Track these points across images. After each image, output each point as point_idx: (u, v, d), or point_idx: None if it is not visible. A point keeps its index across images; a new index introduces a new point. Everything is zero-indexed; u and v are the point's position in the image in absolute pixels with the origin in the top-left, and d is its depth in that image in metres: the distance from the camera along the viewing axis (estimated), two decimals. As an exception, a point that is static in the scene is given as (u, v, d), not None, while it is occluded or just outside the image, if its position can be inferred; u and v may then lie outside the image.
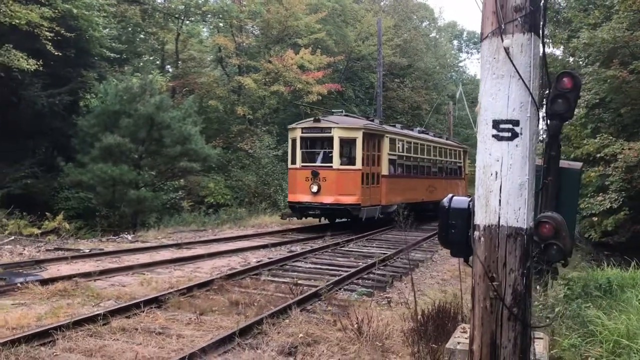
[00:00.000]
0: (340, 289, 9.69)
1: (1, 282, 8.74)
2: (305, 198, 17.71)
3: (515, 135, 3.38)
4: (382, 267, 11.63)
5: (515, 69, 3.37)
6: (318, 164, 18.04)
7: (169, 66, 32.55)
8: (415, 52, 45.98)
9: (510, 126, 3.39)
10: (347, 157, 18.13)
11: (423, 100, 46.24)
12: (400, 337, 6.69)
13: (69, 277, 8.91)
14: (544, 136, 6.90)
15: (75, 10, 19.30)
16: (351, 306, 8.33)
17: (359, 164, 17.74)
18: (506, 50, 3.38)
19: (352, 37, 38.71)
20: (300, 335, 6.86)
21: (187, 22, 31.27)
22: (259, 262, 11.85)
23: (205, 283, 9.22)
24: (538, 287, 6.93)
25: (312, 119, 18.97)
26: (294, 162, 18.59)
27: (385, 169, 19.33)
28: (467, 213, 3.58)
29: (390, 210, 18.99)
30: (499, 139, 3.41)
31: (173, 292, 8.36)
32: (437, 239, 6.21)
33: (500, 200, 3.39)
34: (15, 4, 17.31)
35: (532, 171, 3.42)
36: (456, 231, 3.63)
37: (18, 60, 16.86)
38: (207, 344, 6.11)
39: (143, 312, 7.57)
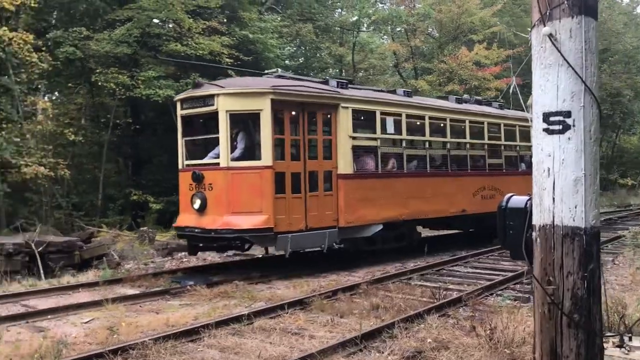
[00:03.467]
0: (492, 294, 9.33)
1: (176, 285, 9.94)
2: (188, 220, 10.80)
3: (566, 127, 3.13)
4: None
5: (563, 56, 3.12)
6: (202, 160, 11.07)
7: (349, 78, 33.86)
8: (611, 34, 41.76)
9: (560, 118, 3.14)
10: (246, 146, 10.87)
11: (624, 86, 41.76)
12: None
13: (230, 280, 9.81)
14: None
15: (251, 35, 21.06)
16: (496, 312, 7.99)
17: (266, 157, 10.39)
18: (550, 37, 3.14)
19: (534, 26, 36.45)
20: (429, 340, 6.80)
21: (362, 32, 32.24)
22: (415, 266, 11.86)
23: (351, 287, 9.52)
24: None
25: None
26: (181, 159, 11.48)
27: (345, 164, 11.56)
28: (525, 213, 3.37)
29: (362, 234, 12.03)
30: (550, 132, 3.18)
31: (317, 295, 8.78)
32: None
33: (553, 199, 3.16)
34: (200, 36, 19.47)
35: (590, 165, 3.12)
36: (514, 232, 3.43)
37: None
38: (330, 345, 6.38)
39: (287, 313, 8.09)
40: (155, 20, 19.66)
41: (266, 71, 13.03)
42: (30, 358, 6.15)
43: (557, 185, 3.14)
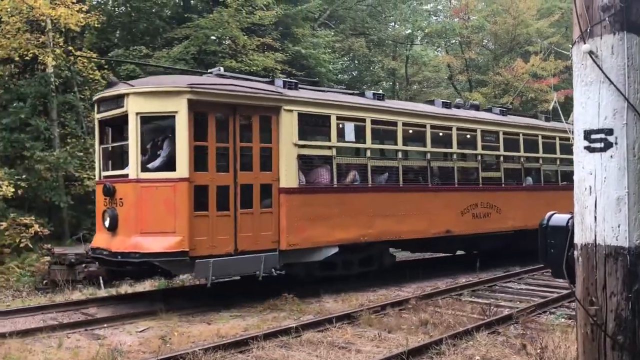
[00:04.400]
0: (544, 312, 9.10)
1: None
2: (101, 240, 9.54)
3: (608, 145, 3.08)
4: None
5: (604, 73, 3.08)
6: (117, 171, 9.73)
7: (401, 91, 33.87)
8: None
9: (602, 136, 3.09)
10: (170, 155, 9.25)
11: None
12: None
13: (278, 293, 9.92)
14: None
15: (304, 51, 21.39)
16: (548, 331, 7.81)
17: (182, 168, 8.91)
18: (591, 54, 3.11)
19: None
20: (477, 357, 6.72)
21: (415, 45, 32.18)
22: (467, 281, 11.69)
23: (400, 302, 9.48)
24: None
25: None
26: (98, 169, 10.22)
27: (288, 177, 9.94)
28: (566, 231, 3.33)
29: (310, 258, 10.38)
30: (591, 150, 3.13)
31: (366, 310, 8.79)
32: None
33: (595, 217, 3.10)
34: (254, 53, 19.92)
35: (634, 184, 3.06)
36: (555, 251, 3.39)
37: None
38: (376, 360, 6.39)
39: (335, 327, 8.13)
40: (212, 38, 20.25)
41: (209, 70, 11.29)
42: (87, 364, 6.44)
43: (599, 204, 3.09)
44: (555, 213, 3.51)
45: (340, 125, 10.87)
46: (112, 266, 9.60)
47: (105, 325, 7.56)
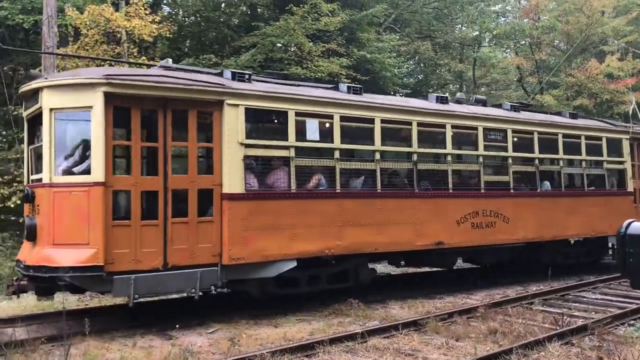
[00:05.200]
0: (622, 324, 8.69)
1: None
2: (23, 252, 8.62)
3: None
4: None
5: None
6: (36, 175, 8.69)
7: (469, 94, 33.30)
8: None
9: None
10: (79, 156, 8.26)
11: None
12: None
13: (343, 299, 9.93)
14: None
15: (369, 55, 21.38)
16: (627, 344, 7.46)
17: (97, 171, 7.87)
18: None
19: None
20: (550, 369, 6.51)
21: (482, 47, 31.59)
22: (538, 290, 11.34)
23: (468, 309, 9.31)
24: None
25: None
26: (26, 173, 9.35)
27: (232, 181, 8.75)
28: (646, 241, 3.18)
29: (261, 274, 9.09)
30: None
31: (433, 317, 8.67)
32: None
33: (678, 227, 2.95)
34: (319, 59, 20.08)
35: None
36: (635, 260, 3.25)
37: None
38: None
39: (401, 333, 8.07)
40: (278, 45, 20.57)
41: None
42: (160, 363, 6.67)
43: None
44: (634, 221, 3.38)
45: (301, 122, 9.57)
46: (35, 281, 8.14)
47: (177, 325, 7.78)
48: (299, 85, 10.36)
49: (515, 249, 12.40)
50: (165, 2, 23.86)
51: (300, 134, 9.56)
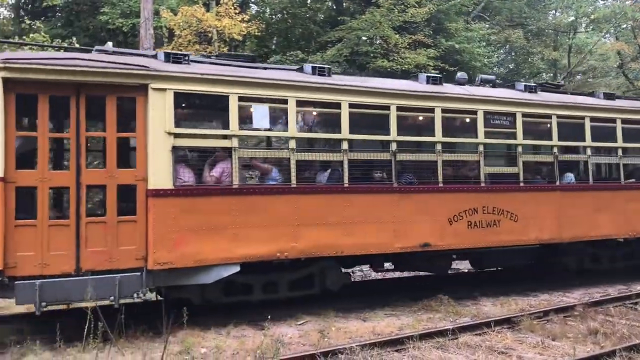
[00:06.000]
0: None
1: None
2: None
3: None
4: None
5: None
6: None
7: (562, 81, 31.79)
8: None
9: None
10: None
11: None
12: None
13: (434, 295, 9.78)
14: None
15: (457, 45, 20.90)
16: None
17: None
18: None
19: None
20: (658, 373, 6.12)
21: (578, 33, 30.00)
22: (643, 289, 10.68)
23: (564, 308, 8.93)
24: None
25: None
26: None
27: (159, 175, 7.77)
28: None
29: (195, 280, 8.07)
30: None
31: (527, 315, 8.37)
32: None
33: None
34: (406, 51, 19.85)
35: None
36: None
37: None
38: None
39: (493, 331, 7.85)
40: (363, 39, 20.52)
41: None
42: (253, 352, 6.85)
43: None
44: None
45: (246, 108, 8.48)
46: None
47: (268, 316, 7.95)
48: (251, 68, 8.99)
49: (527, 252, 10.70)
50: (253, 0, 24.43)
51: (246, 121, 8.49)
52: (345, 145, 8.94)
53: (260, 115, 8.52)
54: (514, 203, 10.25)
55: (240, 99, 8.31)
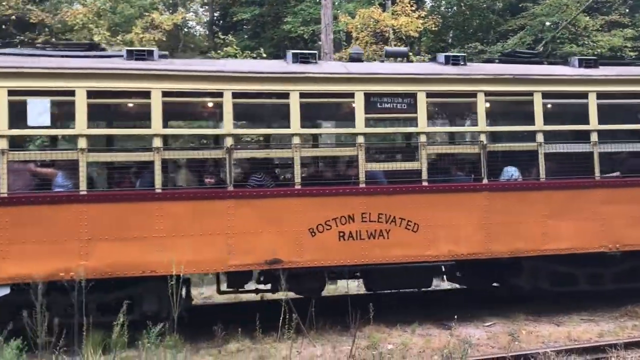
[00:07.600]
0: None
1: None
2: None
3: None
4: None
5: None
6: None
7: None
8: None
9: None
10: None
11: None
12: None
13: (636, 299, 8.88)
14: None
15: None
16: None
17: None
18: None
19: None
20: None
21: None
22: None
23: None
24: None
25: None
26: None
27: None
28: None
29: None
30: None
31: None
32: None
33: None
34: (598, 33, 18.26)
35: None
36: None
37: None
38: None
39: None
40: (547, 24, 19.28)
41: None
42: (439, 351, 6.80)
43: None
44: None
45: (19, 103, 7.13)
46: None
47: (455, 316, 7.81)
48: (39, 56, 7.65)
49: (433, 270, 8.66)
50: (428, -4, 24.22)
51: (18, 118, 7.14)
52: (158, 142, 7.40)
53: (38, 110, 7.18)
54: (412, 208, 7.98)
55: (10, 92, 7.07)
